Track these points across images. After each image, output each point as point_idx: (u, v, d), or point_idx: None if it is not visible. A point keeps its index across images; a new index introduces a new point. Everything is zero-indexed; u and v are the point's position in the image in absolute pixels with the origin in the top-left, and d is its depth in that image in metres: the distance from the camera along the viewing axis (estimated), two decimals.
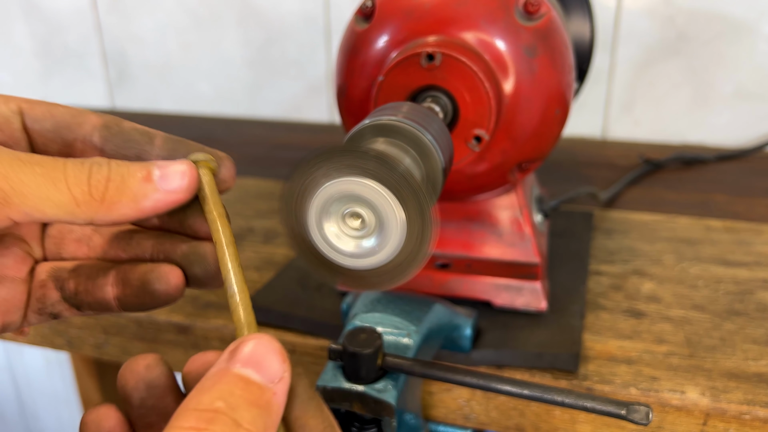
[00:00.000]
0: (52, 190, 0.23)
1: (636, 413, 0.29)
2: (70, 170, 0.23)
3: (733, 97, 0.83)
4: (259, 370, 0.21)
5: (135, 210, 0.24)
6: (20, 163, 0.22)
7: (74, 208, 0.23)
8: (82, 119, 0.27)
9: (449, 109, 0.38)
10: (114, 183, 0.24)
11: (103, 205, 0.24)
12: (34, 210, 0.23)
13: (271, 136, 0.94)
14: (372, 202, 0.25)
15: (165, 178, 0.24)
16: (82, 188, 0.23)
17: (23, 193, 0.22)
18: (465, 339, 0.42)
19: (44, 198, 0.22)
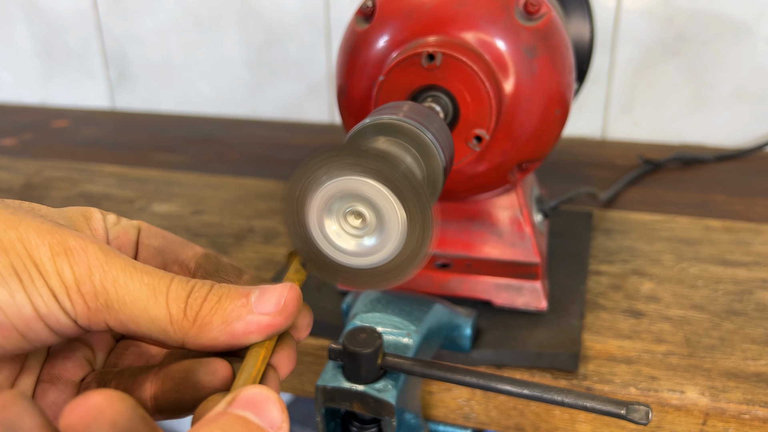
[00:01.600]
0: (152, 303, 0.23)
1: (635, 413, 0.30)
2: (173, 285, 0.23)
3: (732, 98, 0.84)
4: (259, 414, 0.21)
5: (226, 334, 0.23)
6: (132, 268, 0.23)
7: (167, 326, 0.23)
8: (187, 247, 0.29)
9: (450, 109, 0.38)
10: (209, 303, 0.23)
11: (194, 326, 0.23)
12: (129, 320, 0.23)
13: (271, 136, 0.94)
14: (373, 201, 0.25)
15: (262, 300, 0.24)
16: (180, 305, 0.23)
17: (125, 302, 0.22)
18: (465, 339, 0.42)
19: (142, 309, 0.23)
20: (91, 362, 0.28)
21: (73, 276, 0.22)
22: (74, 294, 0.22)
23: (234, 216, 0.66)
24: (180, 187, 0.74)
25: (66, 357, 0.27)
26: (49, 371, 0.27)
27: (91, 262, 0.22)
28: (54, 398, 0.26)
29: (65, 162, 0.84)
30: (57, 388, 0.26)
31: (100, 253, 0.23)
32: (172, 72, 1.05)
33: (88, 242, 0.23)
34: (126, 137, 0.96)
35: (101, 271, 0.22)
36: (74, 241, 0.23)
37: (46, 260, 0.22)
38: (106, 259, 0.23)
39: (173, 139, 0.94)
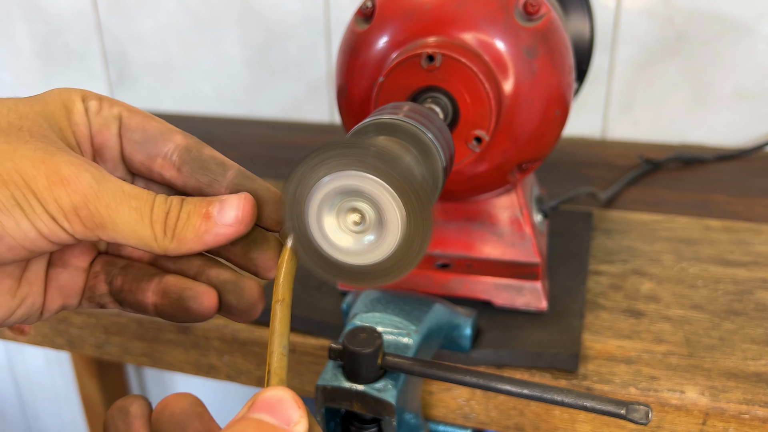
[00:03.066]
0: (140, 224, 0.26)
1: (635, 413, 0.30)
2: (155, 208, 0.26)
3: (732, 98, 0.84)
4: (274, 414, 0.24)
5: (199, 244, 0.27)
6: (122, 194, 0.26)
7: (152, 242, 0.26)
8: (168, 137, 0.30)
9: (449, 109, 0.38)
10: (181, 221, 0.27)
11: (173, 241, 0.26)
12: (120, 237, 0.26)
13: (271, 136, 0.94)
14: (372, 198, 0.25)
15: (222, 212, 0.27)
16: (161, 225, 0.26)
17: (117, 223, 0.26)
18: (465, 338, 0.42)
19: (132, 230, 0.26)
20: (96, 246, 0.31)
21: (70, 202, 0.25)
22: (72, 217, 0.25)
23: None
24: None
25: (73, 245, 0.30)
26: (60, 256, 0.30)
27: (85, 190, 0.25)
28: (67, 280, 0.30)
29: None
30: (68, 271, 0.30)
31: (93, 182, 0.25)
32: (172, 72, 1.05)
33: (81, 170, 0.25)
34: None
35: (95, 197, 0.25)
36: (68, 170, 0.25)
37: (44, 189, 0.25)
38: (99, 187, 0.25)
39: None
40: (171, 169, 0.30)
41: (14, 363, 1.36)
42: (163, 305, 0.29)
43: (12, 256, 0.25)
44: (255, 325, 0.48)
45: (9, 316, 0.28)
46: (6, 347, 1.34)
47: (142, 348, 0.51)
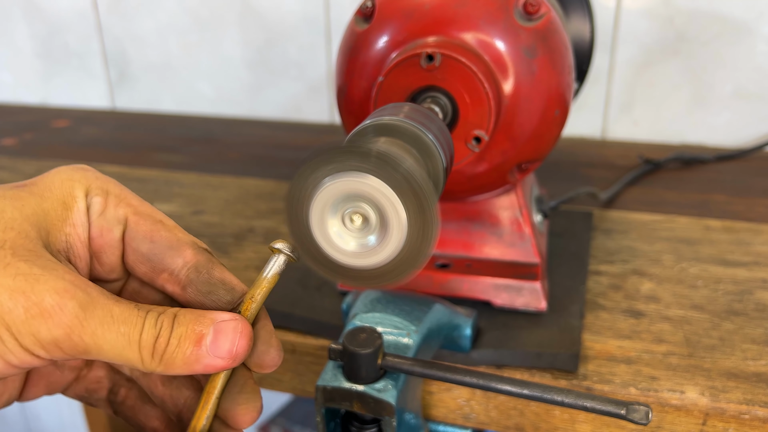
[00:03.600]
0: (127, 350, 0.25)
1: (635, 413, 0.30)
2: (144, 333, 0.25)
3: (732, 98, 0.84)
4: None
5: (187, 370, 0.26)
6: (110, 319, 0.24)
7: (138, 364, 0.25)
8: (177, 254, 0.28)
9: (449, 109, 0.38)
10: (171, 346, 0.25)
11: (161, 365, 0.25)
12: (105, 359, 0.25)
13: (271, 136, 0.94)
14: (375, 201, 0.25)
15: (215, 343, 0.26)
16: (149, 350, 0.25)
17: (102, 348, 0.24)
18: (465, 339, 0.42)
19: (118, 354, 0.25)
20: None
21: (50, 336, 0.23)
22: (51, 347, 0.23)
23: (234, 216, 0.66)
24: (180, 187, 0.74)
25: None
26: None
27: (69, 321, 0.23)
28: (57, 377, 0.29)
29: (65, 162, 0.84)
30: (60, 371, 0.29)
31: (79, 310, 0.24)
32: (172, 72, 1.05)
33: (66, 299, 0.23)
34: (126, 137, 0.96)
35: (79, 327, 0.23)
36: (51, 299, 0.23)
37: (20, 323, 0.23)
38: (85, 315, 0.24)
39: (173, 139, 0.94)
40: (175, 286, 0.28)
41: None
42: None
43: None
44: None
45: None
46: None
47: None
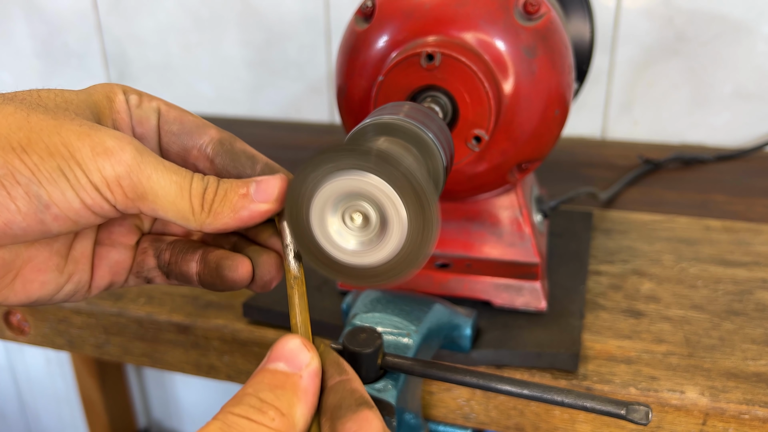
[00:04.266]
0: (179, 197, 0.28)
1: (635, 413, 0.30)
2: (194, 184, 0.28)
3: (732, 98, 0.84)
4: (286, 361, 0.26)
5: (234, 219, 0.28)
6: (162, 168, 0.27)
7: (190, 215, 0.28)
8: (204, 131, 0.32)
9: (449, 109, 0.38)
10: (219, 197, 0.28)
11: (210, 215, 0.28)
12: (159, 209, 0.27)
13: (271, 136, 0.94)
14: (375, 200, 0.25)
15: (259, 191, 0.29)
16: (199, 200, 0.28)
17: (157, 194, 0.27)
18: (465, 339, 0.42)
19: (171, 202, 0.27)
20: (140, 228, 0.33)
21: (113, 173, 0.26)
22: (114, 187, 0.26)
23: None
24: None
25: (119, 225, 0.32)
26: (108, 236, 0.32)
27: (127, 161, 0.26)
28: (116, 258, 0.32)
29: None
30: (116, 249, 0.32)
31: (136, 153, 0.27)
32: (172, 72, 1.05)
33: (125, 143, 0.27)
34: None
35: (137, 169, 0.26)
36: (111, 142, 0.26)
37: (89, 160, 0.26)
38: (141, 159, 0.27)
39: None
40: (205, 161, 0.31)
41: (14, 363, 1.36)
42: (204, 274, 0.31)
43: (58, 226, 0.26)
44: (255, 325, 0.48)
45: (58, 291, 0.30)
46: (6, 347, 1.34)
47: (142, 348, 0.51)
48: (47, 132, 0.25)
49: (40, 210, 0.25)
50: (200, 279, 0.31)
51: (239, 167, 0.31)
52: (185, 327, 0.49)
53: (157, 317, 0.49)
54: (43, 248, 0.29)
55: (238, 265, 0.31)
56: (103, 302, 0.51)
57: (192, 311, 0.50)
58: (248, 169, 0.31)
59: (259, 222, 0.29)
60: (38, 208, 0.25)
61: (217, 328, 0.48)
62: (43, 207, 0.25)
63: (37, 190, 0.25)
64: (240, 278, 0.31)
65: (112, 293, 0.52)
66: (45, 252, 0.29)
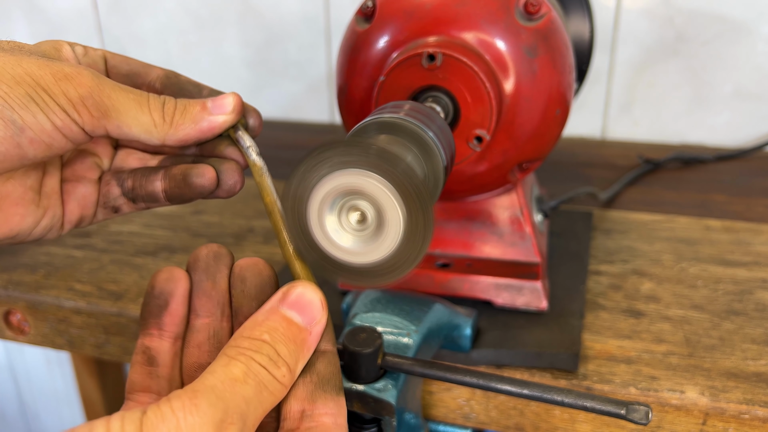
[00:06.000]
0: (139, 112, 0.30)
1: (635, 413, 0.30)
2: (151, 99, 0.31)
3: (732, 98, 0.84)
4: (301, 313, 0.27)
5: (195, 130, 0.31)
6: (119, 88, 0.30)
7: (152, 128, 0.30)
8: (150, 69, 0.35)
9: (450, 109, 0.38)
10: (179, 110, 0.31)
11: (172, 127, 0.31)
12: (123, 125, 0.30)
13: (271, 136, 0.94)
14: (373, 198, 0.25)
15: (215, 106, 0.32)
16: (159, 113, 0.31)
17: (119, 111, 0.29)
18: (465, 338, 0.42)
19: (133, 117, 0.30)
20: (100, 165, 0.35)
21: (77, 94, 0.28)
22: (80, 107, 0.28)
23: (234, 216, 0.66)
24: None
25: (81, 162, 0.34)
26: (71, 173, 0.34)
27: (87, 83, 0.29)
28: (82, 192, 0.34)
29: None
30: (82, 184, 0.34)
31: (93, 76, 0.29)
32: None
33: (81, 68, 0.29)
34: None
35: (97, 89, 0.29)
36: (70, 69, 0.29)
37: (52, 85, 0.28)
38: (99, 81, 0.29)
39: None
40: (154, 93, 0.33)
41: (14, 363, 1.36)
42: (171, 188, 0.33)
43: (34, 150, 0.28)
44: None
45: (35, 225, 0.32)
46: (6, 347, 1.34)
47: None
48: (10, 65, 0.27)
49: (15, 134, 0.27)
50: (167, 195, 0.34)
51: (187, 95, 0.34)
52: None
53: None
54: (18, 184, 0.31)
55: (204, 171, 0.33)
56: (103, 302, 0.51)
57: None
58: (196, 95, 0.34)
59: (217, 134, 0.32)
60: (14, 132, 0.27)
61: None
62: (18, 131, 0.27)
63: (10, 115, 0.27)
64: (208, 183, 0.32)
65: (112, 292, 0.52)
66: (20, 187, 0.31)
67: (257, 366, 0.25)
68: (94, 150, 0.35)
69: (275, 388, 0.25)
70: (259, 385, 0.24)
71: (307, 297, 0.28)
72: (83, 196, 0.34)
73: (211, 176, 0.33)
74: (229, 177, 0.33)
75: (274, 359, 0.25)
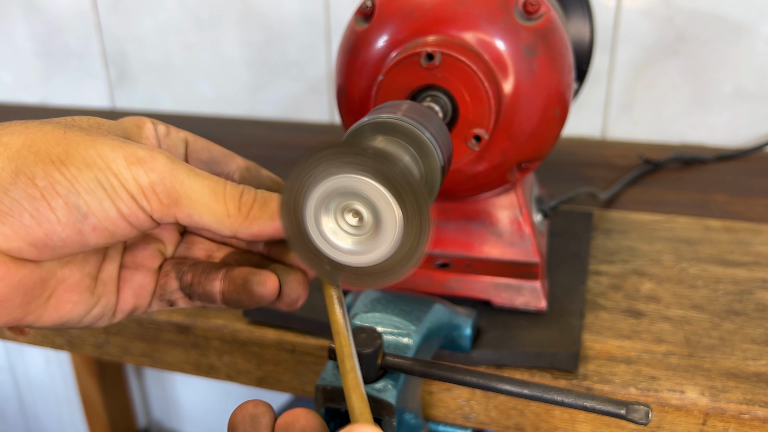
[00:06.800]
0: (213, 200, 0.28)
1: (635, 413, 0.30)
2: (228, 188, 0.29)
3: (732, 98, 0.83)
4: None
5: (271, 227, 0.29)
6: (194, 174, 0.28)
7: (225, 218, 0.28)
8: (231, 159, 0.34)
9: (449, 108, 0.38)
10: (258, 203, 0.29)
11: (246, 220, 0.28)
12: (195, 214, 0.28)
13: (271, 136, 0.94)
14: (370, 199, 0.25)
15: None
16: (235, 204, 0.28)
17: (191, 198, 0.28)
18: (465, 338, 0.42)
19: (205, 205, 0.28)
20: (163, 253, 0.33)
21: (147, 180, 0.27)
22: (150, 194, 0.27)
23: None
24: None
25: (143, 248, 0.33)
26: (132, 260, 0.32)
27: (160, 168, 0.27)
28: (140, 281, 0.32)
29: None
30: (140, 273, 0.32)
31: (168, 161, 0.27)
32: (172, 72, 1.05)
33: (156, 152, 0.27)
34: None
35: (170, 175, 0.27)
36: (143, 152, 0.27)
37: (123, 170, 0.26)
38: (173, 166, 0.27)
39: None
40: None
41: (14, 363, 1.36)
42: (229, 291, 0.31)
43: (96, 238, 0.27)
44: (254, 325, 0.48)
45: (87, 313, 0.30)
46: (6, 347, 1.34)
47: (142, 348, 0.51)
48: (83, 146, 0.26)
49: (78, 220, 0.26)
50: (224, 297, 0.32)
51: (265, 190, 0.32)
52: (185, 327, 0.49)
53: (156, 317, 0.49)
54: (76, 269, 0.30)
55: (266, 279, 0.31)
56: None
57: (192, 311, 0.49)
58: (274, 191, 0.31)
59: None
60: (77, 218, 0.26)
61: (217, 328, 0.48)
62: (81, 217, 0.26)
63: (76, 200, 0.26)
64: (268, 293, 0.31)
65: None
66: (77, 273, 0.30)
67: None
68: (159, 236, 0.34)
69: None
70: None
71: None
72: (140, 285, 0.32)
73: (273, 286, 0.31)
74: (293, 290, 0.31)
75: None
